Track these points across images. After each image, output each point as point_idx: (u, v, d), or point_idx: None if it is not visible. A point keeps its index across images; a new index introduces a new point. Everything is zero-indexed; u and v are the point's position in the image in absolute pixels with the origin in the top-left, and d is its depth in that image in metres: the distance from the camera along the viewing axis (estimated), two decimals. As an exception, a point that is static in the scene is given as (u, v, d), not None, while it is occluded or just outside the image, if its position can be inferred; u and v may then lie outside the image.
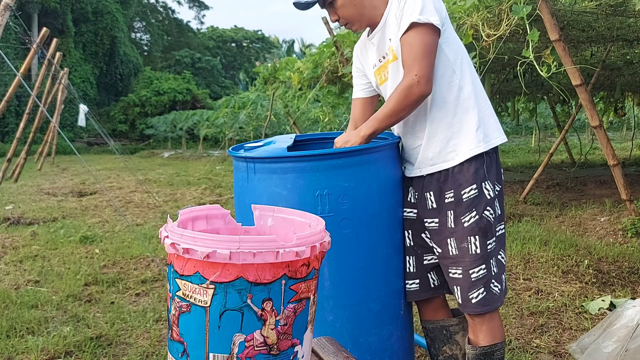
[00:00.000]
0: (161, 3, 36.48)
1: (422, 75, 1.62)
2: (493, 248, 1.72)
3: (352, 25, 1.77)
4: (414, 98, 1.63)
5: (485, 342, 1.74)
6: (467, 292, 1.71)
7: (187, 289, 0.99)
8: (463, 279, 1.71)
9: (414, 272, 1.85)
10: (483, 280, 1.69)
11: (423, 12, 1.61)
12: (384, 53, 1.79)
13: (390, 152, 1.83)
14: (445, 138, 1.71)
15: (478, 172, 1.69)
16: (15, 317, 2.94)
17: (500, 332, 1.77)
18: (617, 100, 8.95)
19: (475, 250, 1.69)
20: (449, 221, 1.72)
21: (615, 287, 3.25)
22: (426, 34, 1.62)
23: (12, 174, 9.43)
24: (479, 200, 1.69)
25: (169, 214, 3.20)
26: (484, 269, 1.69)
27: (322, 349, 1.31)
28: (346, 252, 1.72)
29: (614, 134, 16.26)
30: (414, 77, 1.61)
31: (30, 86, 9.78)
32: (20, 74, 6.00)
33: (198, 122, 17.67)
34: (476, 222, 1.68)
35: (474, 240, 1.69)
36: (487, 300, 1.70)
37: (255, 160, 1.75)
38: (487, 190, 1.70)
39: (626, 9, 3.49)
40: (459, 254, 1.71)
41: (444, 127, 1.71)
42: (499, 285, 1.72)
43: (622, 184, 3.82)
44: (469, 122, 1.70)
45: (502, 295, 1.75)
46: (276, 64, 7.80)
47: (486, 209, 1.69)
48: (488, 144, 1.71)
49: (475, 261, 1.69)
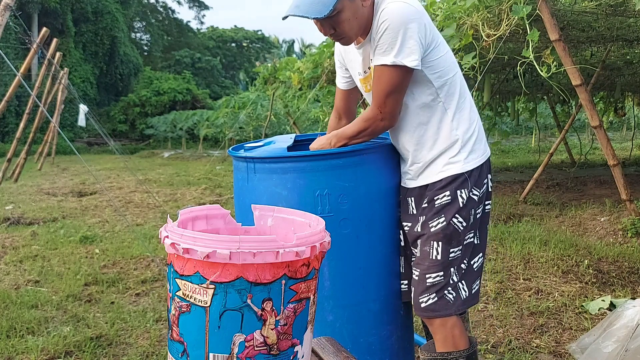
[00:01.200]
0: (161, 3, 36.50)
1: (387, 112, 1.65)
2: (456, 256, 1.69)
3: (345, 40, 1.69)
4: (378, 130, 1.70)
5: (440, 349, 1.71)
6: (419, 295, 1.70)
7: (187, 289, 0.99)
8: (418, 282, 1.70)
9: (404, 272, 1.86)
10: (437, 286, 1.68)
11: (399, 54, 1.56)
12: (368, 67, 1.77)
13: (390, 152, 1.83)
14: (427, 159, 1.72)
15: (456, 179, 1.69)
16: (15, 317, 2.94)
17: (458, 340, 1.71)
18: (617, 100, 8.95)
19: (436, 256, 1.68)
20: (418, 225, 1.73)
21: (615, 287, 3.25)
22: (396, 74, 1.59)
23: (12, 174, 9.43)
24: (450, 207, 1.68)
25: (169, 214, 3.21)
26: (442, 275, 1.67)
27: (322, 349, 1.31)
28: (346, 252, 1.72)
29: (614, 134, 16.27)
30: (378, 113, 1.66)
31: (30, 86, 9.79)
32: (20, 74, 6.00)
33: (198, 122, 17.68)
34: (442, 228, 1.67)
35: (436, 245, 1.68)
36: (437, 306, 1.68)
37: (255, 160, 1.75)
38: (461, 198, 1.68)
39: (626, 9, 3.49)
40: (421, 257, 1.71)
41: (427, 149, 1.72)
42: (454, 293, 1.69)
43: (622, 184, 3.82)
44: (451, 145, 1.70)
45: (462, 304, 1.71)
46: (276, 64, 7.80)
47: (455, 217, 1.68)
48: (469, 164, 1.70)
49: (433, 266, 1.68)
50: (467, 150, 1.70)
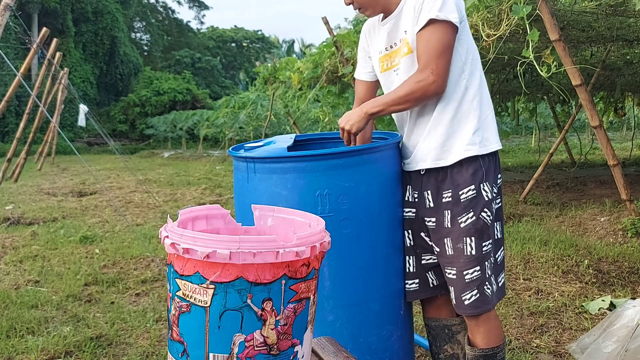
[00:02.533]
0: (161, 3, 36.50)
1: (439, 74, 1.60)
2: (489, 250, 1.71)
3: (366, 11, 1.75)
4: (428, 95, 1.63)
5: (483, 344, 1.74)
6: (461, 292, 1.70)
7: (187, 289, 0.99)
8: (457, 280, 1.71)
9: (414, 272, 1.85)
10: (477, 282, 1.68)
11: (443, 9, 1.58)
12: (394, 42, 1.76)
13: (391, 152, 1.83)
14: (443, 136, 1.70)
15: (477, 173, 1.69)
16: (15, 317, 2.94)
17: (498, 334, 1.76)
18: (617, 100, 8.95)
19: (470, 251, 1.68)
20: (446, 221, 1.72)
21: (615, 287, 3.25)
22: (444, 31, 1.60)
23: (12, 174, 9.43)
24: (477, 201, 1.68)
25: (169, 214, 3.21)
26: (479, 270, 1.68)
27: (322, 349, 1.31)
28: (346, 252, 1.72)
29: (614, 134, 16.26)
30: (429, 75, 1.60)
31: (30, 86, 9.78)
32: (20, 74, 6.00)
33: (198, 122, 17.68)
34: (472, 223, 1.68)
35: (469, 241, 1.68)
36: (480, 302, 1.69)
37: (256, 160, 1.75)
38: (485, 192, 1.69)
39: (626, 9, 3.49)
40: (454, 254, 1.70)
41: (444, 125, 1.70)
42: (491, 287, 1.71)
43: (622, 184, 3.82)
44: (468, 124, 1.69)
45: (496, 297, 1.74)
46: (276, 64, 7.80)
47: (483, 211, 1.68)
48: (485, 148, 1.70)
49: (469, 262, 1.68)
50: (482, 134, 1.70)
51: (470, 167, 1.69)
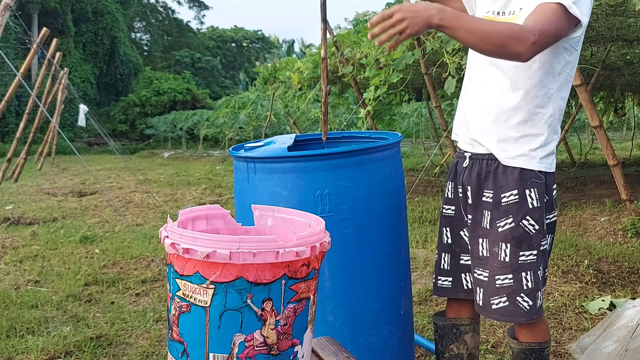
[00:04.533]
0: (161, 3, 36.48)
1: (541, 42, 1.39)
2: (530, 261, 1.61)
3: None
4: (519, 52, 1.38)
5: (529, 339, 1.70)
6: (490, 296, 1.65)
7: (187, 289, 0.99)
8: (488, 283, 1.65)
9: (448, 269, 1.81)
10: (507, 289, 1.61)
11: (577, 3, 1.44)
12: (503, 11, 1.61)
13: (391, 151, 1.83)
14: (504, 134, 1.61)
15: (523, 178, 1.60)
16: (15, 317, 2.94)
17: (543, 330, 1.70)
18: (617, 100, 8.95)
19: (505, 257, 1.61)
20: (484, 221, 1.65)
21: (615, 287, 3.25)
22: (565, 20, 1.45)
23: (12, 174, 9.43)
24: (519, 207, 1.59)
25: (169, 214, 3.20)
26: (511, 279, 1.60)
27: (322, 349, 1.31)
28: (346, 252, 1.72)
29: (614, 134, 16.25)
30: (533, 35, 1.37)
31: (30, 86, 9.78)
32: (20, 74, 6.00)
33: (198, 122, 17.67)
34: (510, 229, 1.60)
35: (504, 247, 1.61)
36: (509, 312, 1.62)
37: (256, 160, 1.75)
38: (530, 199, 1.59)
39: (626, 9, 3.48)
40: (489, 257, 1.64)
41: (511, 123, 1.60)
42: (529, 301, 1.61)
43: (622, 184, 3.82)
44: (535, 135, 1.60)
45: (533, 313, 1.62)
46: (276, 64, 7.81)
47: (525, 218, 1.59)
48: (542, 165, 1.60)
49: (502, 268, 1.61)
50: (546, 151, 1.60)
51: (515, 172, 1.60)
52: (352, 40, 5.48)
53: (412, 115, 13.66)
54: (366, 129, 5.68)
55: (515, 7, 1.58)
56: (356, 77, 5.70)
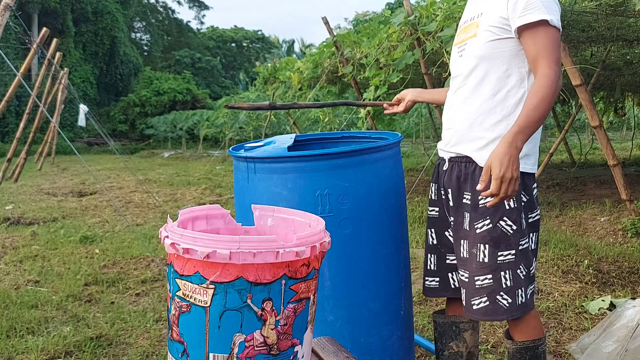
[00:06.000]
0: (161, 3, 36.48)
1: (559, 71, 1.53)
2: (508, 260, 1.63)
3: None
4: (557, 92, 1.52)
5: (522, 338, 1.71)
6: (470, 297, 1.67)
7: (187, 289, 0.99)
8: (468, 283, 1.68)
9: (435, 270, 1.83)
10: (487, 289, 1.64)
11: (551, 13, 1.52)
12: (471, 16, 1.71)
13: (391, 151, 1.83)
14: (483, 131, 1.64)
15: None
16: (15, 317, 2.94)
17: (537, 327, 1.71)
18: (617, 100, 8.94)
19: (483, 258, 1.63)
20: (465, 222, 1.68)
21: (615, 287, 3.25)
22: (553, 33, 1.54)
23: (12, 174, 9.43)
24: (495, 208, 1.60)
25: (169, 214, 3.21)
26: (490, 279, 1.63)
27: (322, 349, 1.31)
28: (346, 252, 1.72)
29: (614, 134, 16.25)
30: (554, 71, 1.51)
31: (30, 86, 9.78)
32: (20, 74, 6.00)
33: (198, 122, 17.67)
34: (488, 230, 1.62)
35: (483, 248, 1.63)
36: (490, 311, 1.65)
37: (256, 160, 1.75)
38: (507, 201, 1.61)
39: (626, 9, 3.48)
40: (469, 258, 1.67)
41: (488, 124, 1.64)
42: (509, 299, 1.63)
43: (622, 184, 3.82)
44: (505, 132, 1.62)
45: (513, 310, 1.65)
46: (276, 64, 7.81)
47: (502, 219, 1.61)
48: (524, 166, 1.61)
49: (481, 269, 1.64)
50: (523, 152, 1.58)
51: None
52: (352, 40, 5.48)
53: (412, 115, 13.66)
54: (366, 129, 5.68)
55: (476, 12, 1.68)
56: (356, 77, 5.70)
